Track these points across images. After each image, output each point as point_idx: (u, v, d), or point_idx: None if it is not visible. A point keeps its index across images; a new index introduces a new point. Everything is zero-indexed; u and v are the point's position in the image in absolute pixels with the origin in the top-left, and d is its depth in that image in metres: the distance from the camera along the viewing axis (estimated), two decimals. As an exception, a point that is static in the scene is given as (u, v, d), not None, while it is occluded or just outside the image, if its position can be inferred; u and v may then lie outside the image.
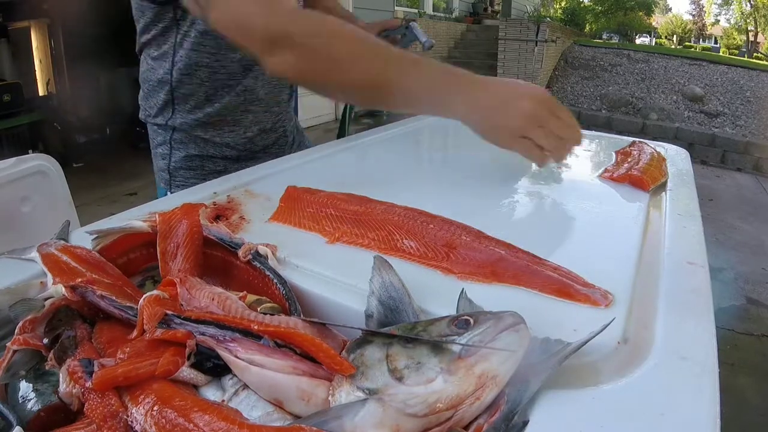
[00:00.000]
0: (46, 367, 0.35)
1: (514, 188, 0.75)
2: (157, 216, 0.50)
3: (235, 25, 0.64)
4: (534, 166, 0.76)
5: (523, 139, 0.64)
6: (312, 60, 0.62)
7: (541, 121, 0.63)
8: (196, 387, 0.34)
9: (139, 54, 0.92)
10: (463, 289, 0.41)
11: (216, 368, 0.34)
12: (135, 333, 0.36)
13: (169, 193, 0.93)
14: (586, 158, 0.97)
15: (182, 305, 0.38)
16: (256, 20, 0.62)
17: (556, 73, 7.38)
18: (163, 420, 0.29)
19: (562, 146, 0.65)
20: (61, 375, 0.33)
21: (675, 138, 5.66)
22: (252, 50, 0.64)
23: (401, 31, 1.00)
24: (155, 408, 0.30)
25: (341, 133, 1.02)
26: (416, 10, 7.92)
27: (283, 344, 0.34)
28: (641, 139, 1.00)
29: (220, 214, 0.60)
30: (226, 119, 0.90)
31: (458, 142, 1.05)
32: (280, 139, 1.01)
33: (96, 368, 0.32)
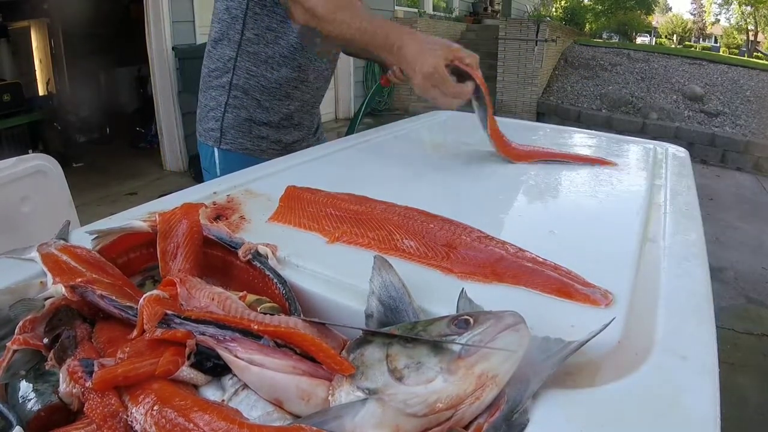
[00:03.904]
0: (46, 367, 0.35)
1: (514, 188, 0.75)
2: (157, 216, 0.50)
3: None
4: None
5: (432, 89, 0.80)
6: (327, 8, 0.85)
7: (436, 83, 0.79)
8: (196, 387, 0.34)
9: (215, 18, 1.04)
10: (463, 288, 0.41)
11: (216, 368, 0.34)
12: (135, 333, 0.36)
13: (216, 150, 1.05)
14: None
15: (182, 305, 0.38)
16: None
17: (556, 72, 7.37)
18: (163, 420, 0.29)
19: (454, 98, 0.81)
20: (61, 375, 0.33)
21: (675, 137, 5.65)
22: None
23: None
24: (155, 408, 0.30)
25: (350, 131, 1.08)
26: (416, 10, 7.91)
27: (283, 344, 0.34)
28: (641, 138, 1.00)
29: (220, 213, 0.60)
30: (280, 90, 1.04)
31: (457, 143, 1.05)
32: (309, 118, 1.15)
33: (96, 368, 0.32)
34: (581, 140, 1.11)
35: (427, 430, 0.30)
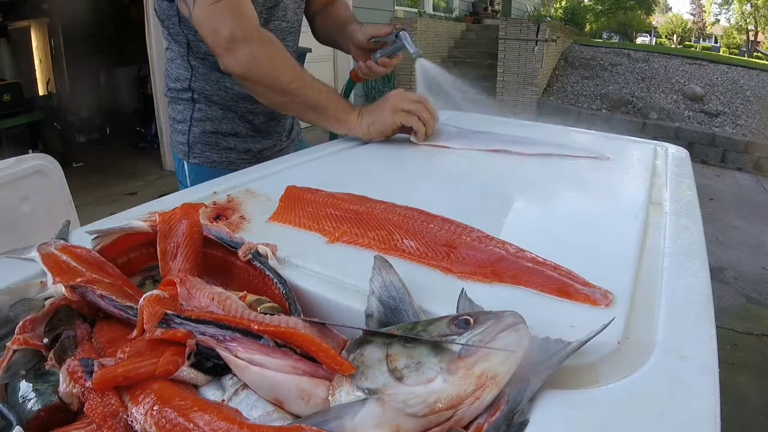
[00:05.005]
0: (46, 367, 0.35)
1: (514, 188, 0.75)
2: (157, 216, 0.50)
3: (209, 25, 0.83)
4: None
5: (398, 129, 0.93)
6: (258, 62, 0.84)
7: (405, 108, 0.90)
8: (196, 387, 0.34)
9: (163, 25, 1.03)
10: (463, 288, 0.41)
11: (216, 368, 0.34)
12: (135, 333, 0.36)
13: (186, 163, 1.05)
14: (585, 158, 0.96)
15: (182, 305, 0.38)
16: (226, 26, 0.82)
17: (557, 72, 7.37)
18: (163, 420, 0.29)
19: (427, 121, 0.92)
20: (61, 375, 0.33)
21: (675, 137, 5.65)
22: (215, 47, 0.84)
23: (391, 38, 1.04)
24: (155, 408, 0.30)
25: (333, 135, 1.05)
26: (416, 10, 7.90)
27: (283, 344, 0.34)
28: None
29: (220, 213, 0.60)
30: (239, 106, 1.03)
31: (458, 142, 1.05)
32: (279, 126, 1.13)
33: (96, 368, 0.32)
34: (581, 139, 1.10)
35: (427, 430, 0.30)
